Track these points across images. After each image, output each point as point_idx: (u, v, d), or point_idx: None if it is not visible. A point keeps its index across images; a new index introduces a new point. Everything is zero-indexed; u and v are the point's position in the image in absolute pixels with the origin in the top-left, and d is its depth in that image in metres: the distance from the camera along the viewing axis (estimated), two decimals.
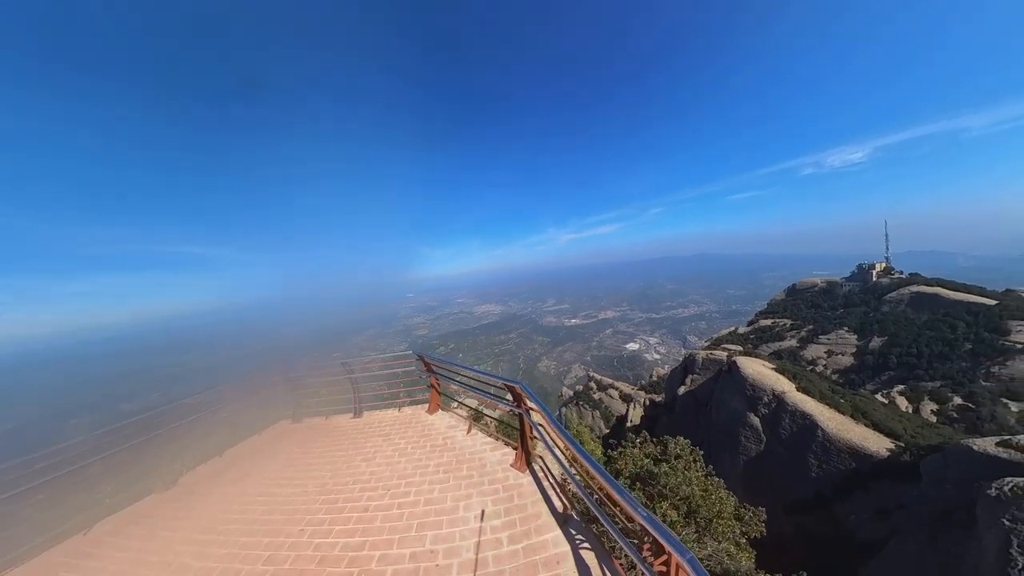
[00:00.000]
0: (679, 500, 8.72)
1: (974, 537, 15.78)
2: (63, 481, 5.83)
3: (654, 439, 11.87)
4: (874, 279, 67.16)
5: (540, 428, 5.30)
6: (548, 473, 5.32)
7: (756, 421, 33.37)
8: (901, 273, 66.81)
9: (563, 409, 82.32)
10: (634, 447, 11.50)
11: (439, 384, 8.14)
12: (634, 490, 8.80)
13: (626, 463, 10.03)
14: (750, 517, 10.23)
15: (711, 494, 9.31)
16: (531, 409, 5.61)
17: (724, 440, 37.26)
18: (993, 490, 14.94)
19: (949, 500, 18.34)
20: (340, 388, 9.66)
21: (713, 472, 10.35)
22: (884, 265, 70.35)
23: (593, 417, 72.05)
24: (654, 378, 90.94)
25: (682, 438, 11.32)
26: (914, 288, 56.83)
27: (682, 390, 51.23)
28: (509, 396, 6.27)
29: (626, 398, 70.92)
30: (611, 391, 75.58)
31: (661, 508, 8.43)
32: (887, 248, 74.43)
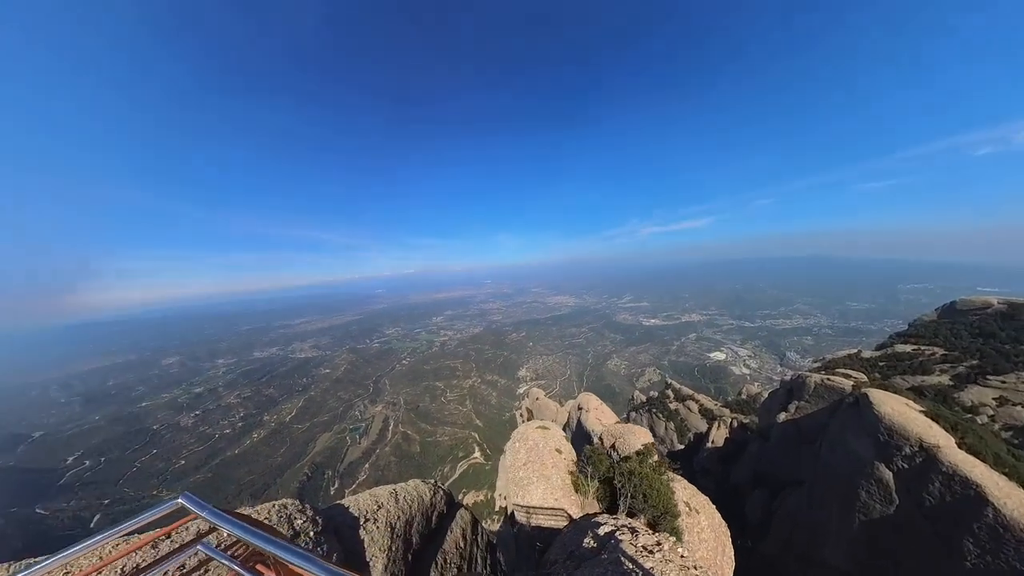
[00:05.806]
0: None
1: None
2: None
3: None
4: None
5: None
6: None
7: (888, 475, 26.53)
8: None
9: (632, 414, 77.64)
10: None
11: None
12: None
13: None
14: None
15: None
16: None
17: (835, 489, 30.64)
18: None
19: None
20: None
21: None
22: None
23: (666, 429, 66.48)
24: (743, 395, 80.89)
25: None
26: None
27: (783, 417, 43.95)
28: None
29: (708, 414, 63.88)
30: (690, 403, 68.76)
31: None
32: None
